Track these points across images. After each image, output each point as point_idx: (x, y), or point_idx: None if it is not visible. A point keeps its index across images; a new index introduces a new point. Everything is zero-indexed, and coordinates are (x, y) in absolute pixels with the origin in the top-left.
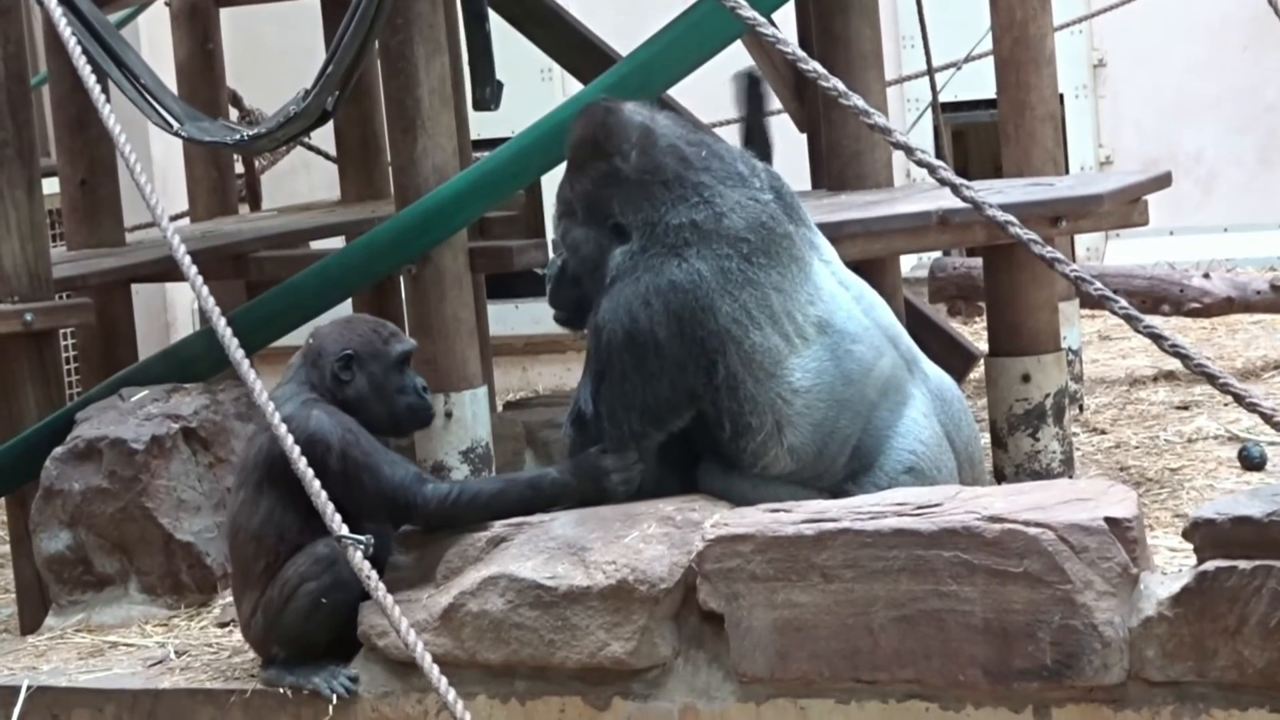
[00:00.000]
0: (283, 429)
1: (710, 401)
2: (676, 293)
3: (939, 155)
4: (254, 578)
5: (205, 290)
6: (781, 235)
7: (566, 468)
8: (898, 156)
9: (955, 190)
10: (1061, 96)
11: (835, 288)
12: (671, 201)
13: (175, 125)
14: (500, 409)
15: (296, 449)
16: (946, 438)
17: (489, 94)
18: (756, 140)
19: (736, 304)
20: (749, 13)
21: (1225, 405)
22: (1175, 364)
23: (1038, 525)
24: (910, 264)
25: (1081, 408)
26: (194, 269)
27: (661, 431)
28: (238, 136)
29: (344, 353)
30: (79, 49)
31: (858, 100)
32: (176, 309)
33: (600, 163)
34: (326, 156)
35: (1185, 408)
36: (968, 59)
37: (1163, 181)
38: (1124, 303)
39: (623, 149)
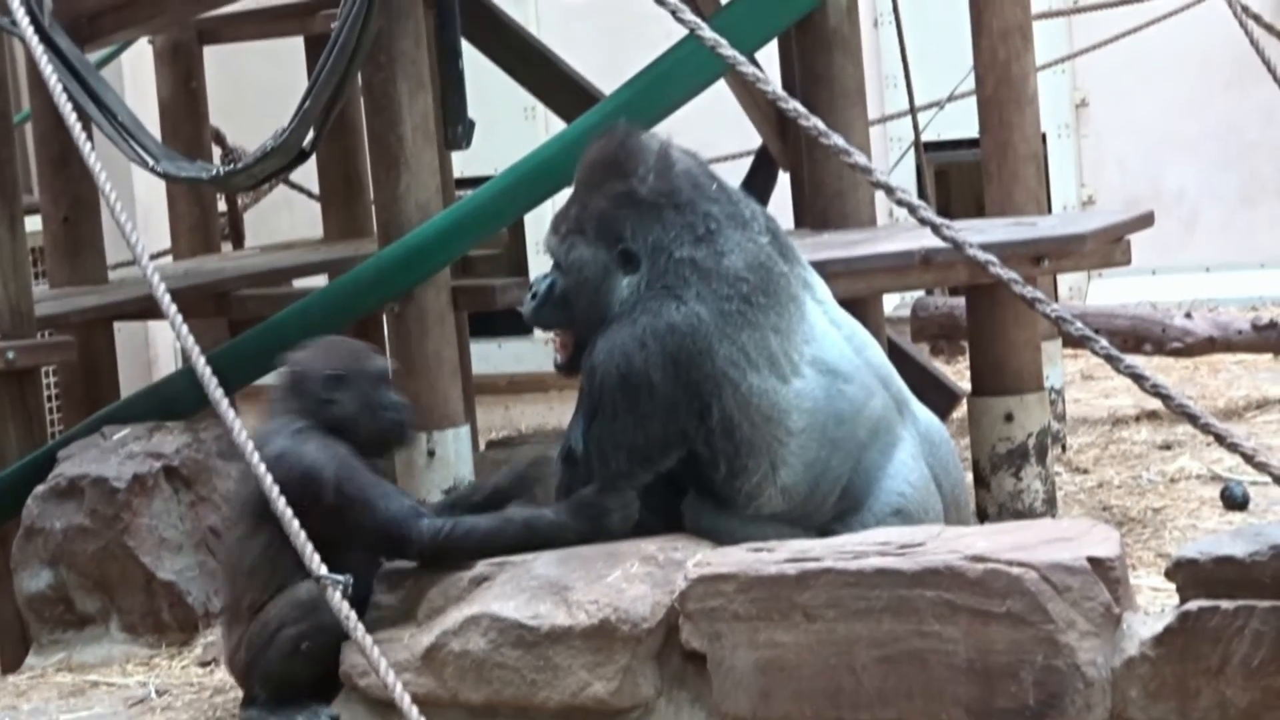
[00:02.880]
0: (262, 468)
1: (704, 443)
2: (674, 335)
3: (921, 194)
4: (241, 611)
5: (185, 329)
6: (779, 275)
7: (563, 508)
8: (881, 195)
9: (936, 230)
10: (1044, 136)
11: (828, 327)
12: (680, 227)
13: (151, 162)
14: (483, 448)
15: (276, 489)
16: (934, 480)
17: (460, 132)
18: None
19: (735, 346)
20: (730, 52)
21: (1208, 445)
22: (1158, 404)
23: (1020, 565)
24: (893, 303)
25: (1064, 447)
26: (174, 308)
27: (650, 471)
28: (213, 173)
29: (330, 373)
30: (60, 87)
31: (838, 139)
32: (159, 347)
33: (618, 182)
34: (309, 194)
35: (1168, 447)
36: (950, 98)
37: (1145, 221)
38: (1105, 342)
39: (639, 171)
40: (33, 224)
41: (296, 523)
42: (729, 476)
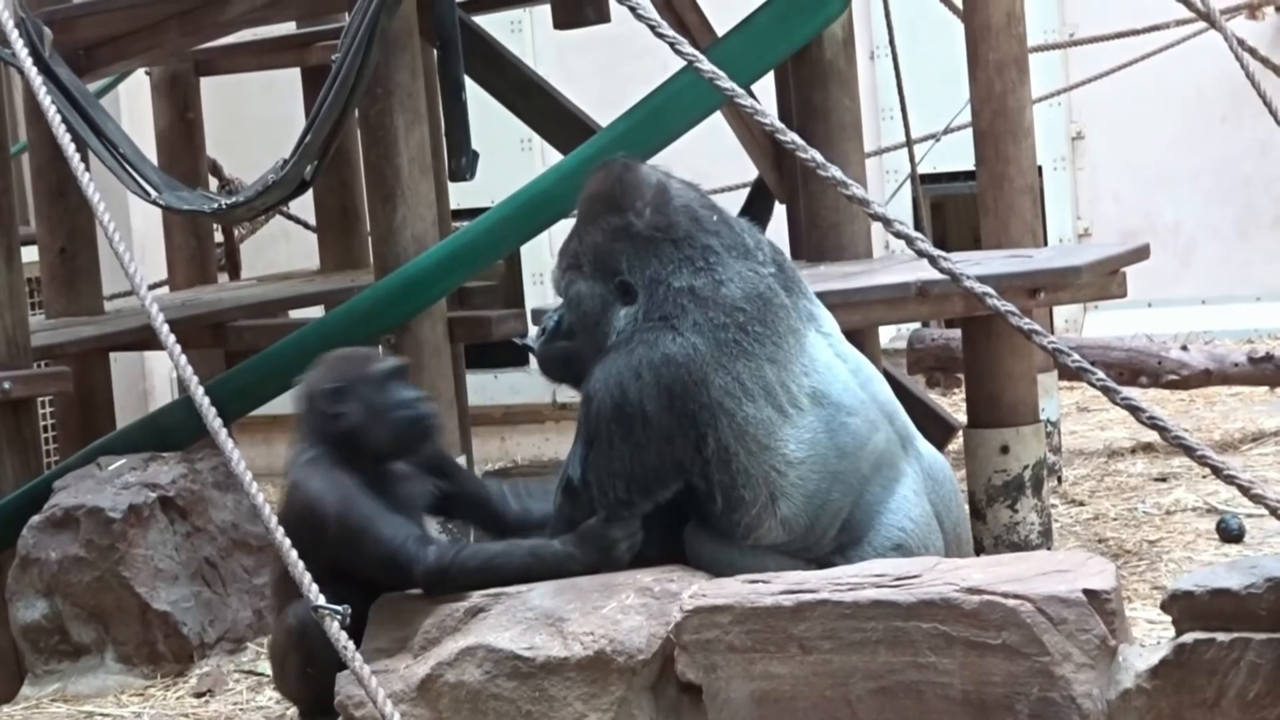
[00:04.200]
0: (260, 498)
1: (700, 474)
2: (669, 366)
3: (918, 227)
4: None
5: (184, 359)
6: (778, 306)
7: (569, 538)
8: (877, 227)
9: (933, 261)
10: (1040, 168)
11: (831, 359)
12: (678, 261)
13: (153, 194)
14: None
15: (274, 520)
16: (936, 517)
17: (465, 164)
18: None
19: (730, 376)
20: (728, 84)
21: (1203, 477)
22: (1153, 436)
23: (1016, 597)
24: (889, 335)
25: (1060, 479)
26: (172, 338)
27: (648, 501)
28: (215, 205)
29: (330, 387)
30: (58, 118)
31: (836, 171)
32: (155, 377)
33: (614, 217)
34: (306, 225)
35: (1163, 480)
36: (947, 131)
37: (1141, 254)
38: (1101, 374)
39: (636, 205)
40: (29, 255)
41: (295, 552)
42: (726, 509)
